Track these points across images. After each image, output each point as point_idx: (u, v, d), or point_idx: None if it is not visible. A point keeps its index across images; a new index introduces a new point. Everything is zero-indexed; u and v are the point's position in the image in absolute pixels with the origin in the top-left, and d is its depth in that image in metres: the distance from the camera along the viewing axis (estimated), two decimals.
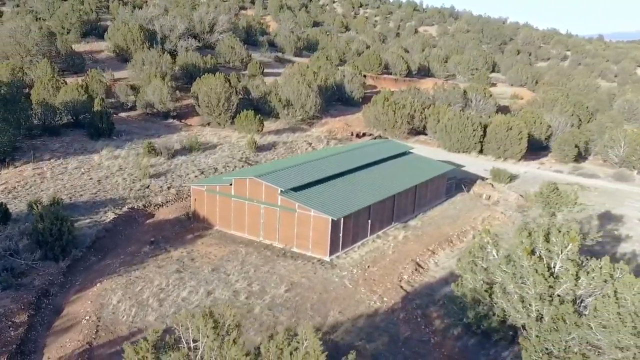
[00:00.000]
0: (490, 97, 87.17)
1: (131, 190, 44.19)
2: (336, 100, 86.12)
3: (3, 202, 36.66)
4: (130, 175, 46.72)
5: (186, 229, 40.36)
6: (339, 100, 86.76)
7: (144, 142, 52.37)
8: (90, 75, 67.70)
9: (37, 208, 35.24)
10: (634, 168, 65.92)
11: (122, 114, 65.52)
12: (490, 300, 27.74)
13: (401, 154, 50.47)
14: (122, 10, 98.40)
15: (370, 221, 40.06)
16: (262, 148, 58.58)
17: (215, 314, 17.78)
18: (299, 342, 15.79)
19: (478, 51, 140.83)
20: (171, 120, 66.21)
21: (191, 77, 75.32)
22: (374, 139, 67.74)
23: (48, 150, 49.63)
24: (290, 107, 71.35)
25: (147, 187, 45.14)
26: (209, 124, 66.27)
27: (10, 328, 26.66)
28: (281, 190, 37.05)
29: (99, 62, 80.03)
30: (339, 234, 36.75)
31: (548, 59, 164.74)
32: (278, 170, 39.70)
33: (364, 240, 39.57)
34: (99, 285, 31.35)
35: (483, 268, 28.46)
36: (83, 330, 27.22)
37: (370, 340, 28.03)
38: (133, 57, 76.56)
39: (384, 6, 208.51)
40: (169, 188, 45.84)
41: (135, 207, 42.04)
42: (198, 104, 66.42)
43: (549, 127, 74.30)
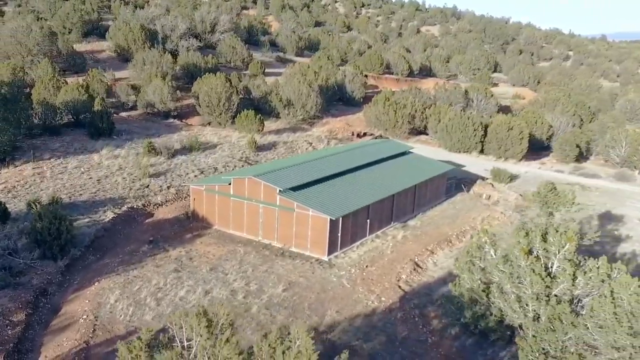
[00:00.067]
0: (492, 97, 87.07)
1: (131, 189, 44.25)
2: (337, 100, 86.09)
3: (2, 202, 36.72)
4: (130, 174, 46.77)
5: (185, 229, 40.40)
6: (340, 100, 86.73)
7: (144, 142, 52.41)
8: (91, 75, 67.77)
9: (36, 207, 35.27)
10: (635, 168, 65.79)
11: (123, 114, 65.60)
12: (488, 300, 27.70)
13: (401, 153, 50.44)
14: (123, 10, 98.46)
15: (369, 221, 40.04)
16: (263, 148, 58.59)
17: (209, 313, 17.77)
18: (291, 341, 15.78)
19: (480, 51, 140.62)
20: (172, 120, 66.27)
21: (192, 77, 75.35)
22: (374, 138, 67.67)
23: (48, 150, 49.71)
24: (291, 107, 71.35)
25: (146, 187, 45.18)
26: (209, 123, 66.31)
27: (8, 327, 26.70)
28: (280, 190, 37.06)
29: (100, 62, 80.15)
30: (337, 233, 36.74)
31: (550, 59, 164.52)
32: (277, 170, 39.71)
33: (362, 240, 39.56)
34: (97, 284, 31.39)
35: (480, 268, 28.43)
36: (80, 329, 27.25)
37: (367, 340, 28.01)
38: (134, 56, 76.62)
39: (386, 6, 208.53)
40: (168, 187, 45.89)
41: (135, 207, 42.08)
42: (199, 103, 66.47)
43: (550, 127, 74.18)
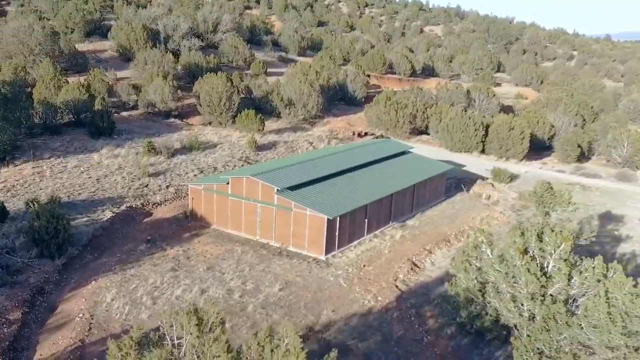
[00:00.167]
0: (494, 97, 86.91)
1: (130, 189, 44.32)
2: (339, 100, 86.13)
3: (1, 200, 36.86)
4: (130, 174, 46.86)
5: (183, 228, 40.44)
6: (342, 100, 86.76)
7: (144, 141, 52.49)
8: (92, 74, 67.96)
9: (34, 206, 35.38)
10: (637, 168, 65.56)
11: (124, 113, 65.74)
12: (483, 300, 27.66)
13: (400, 153, 50.38)
14: (125, 10, 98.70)
15: (367, 220, 40.00)
16: (263, 147, 58.62)
17: (200, 312, 17.79)
18: (280, 339, 15.79)
19: (483, 51, 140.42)
20: (172, 120, 66.37)
21: (194, 76, 75.43)
22: (375, 138, 67.61)
23: (48, 149, 49.85)
24: (292, 107, 71.37)
25: (145, 186, 45.26)
26: (210, 123, 66.39)
27: (4, 325, 26.76)
28: (277, 189, 37.06)
29: (102, 62, 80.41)
30: (335, 233, 36.72)
31: (554, 59, 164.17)
32: (275, 170, 39.72)
33: (360, 239, 39.52)
34: (93, 283, 31.45)
35: (477, 268, 28.38)
36: (76, 327, 27.31)
37: (362, 339, 27.97)
38: (136, 56, 76.76)
39: (389, 6, 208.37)
40: (167, 187, 45.96)
41: (134, 206, 42.15)
42: (199, 103, 66.55)
43: (552, 127, 74.00)
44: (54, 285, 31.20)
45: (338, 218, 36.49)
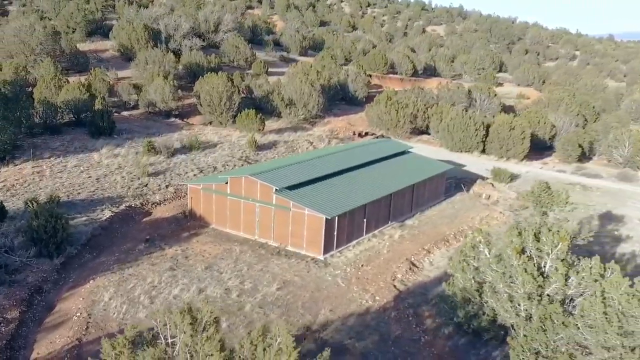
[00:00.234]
0: (495, 96, 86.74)
1: (129, 188, 44.36)
2: (340, 100, 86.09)
3: (0, 200, 36.97)
4: (129, 173, 46.91)
5: (182, 227, 40.47)
6: (343, 100, 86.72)
7: (144, 141, 52.53)
8: (93, 74, 68.06)
9: (33, 206, 35.44)
10: (638, 168, 65.39)
11: (125, 113, 65.80)
12: (480, 300, 27.62)
13: (400, 153, 50.33)
14: (127, 10, 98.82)
15: (366, 220, 39.98)
16: (263, 147, 58.62)
17: (194, 311, 17.80)
18: (272, 338, 15.79)
19: (485, 51, 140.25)
20: (173, 119, 66.43)
21: (195, 76, 75.39)
22: (376, 138, 67.56)
23: (48, 149, 49.92)
24: (292, 107, 71.37)
25: (145, 186, 45.30)
26: (210, 123, 66.43)
27: (2, 324, 26.85)
28: (276, 189, 37.07)
29: (104, 61, 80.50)
30: (333, 232, 36.71)
31: (556, 59, 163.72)
32: (274, 169, 39.73)
33: (359, 239, 39.49)
34: (91, 282, 31.50)
35: (474, 267, 28.34)
36: (73, 326, 27.37)
37: (360, 339, 27.96)
38: (137, 56, 76.82)
39: (391, 5, 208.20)
40: (167, 186, 46.00)
41: (133, 205, 42.19)
42: (200, 103, 66.59)
43: (553, 127, 73.84)
44: (52, 284, 31.27)
45: (336, 218, 36.48)
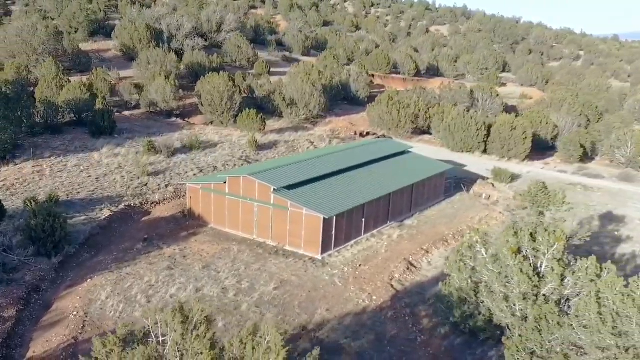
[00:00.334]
0: (497, 96, 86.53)
1: (129, 188, 44.44)
2: (342, 100, 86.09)
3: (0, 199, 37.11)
4: (129, 173, 46.98)
5: (181, 227, 40.53)
6: (345, 100, 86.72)
7: (145, 141, 52.61)
8: (95, 74, 68.24)
9: (31, 205, 35.54)
10: None
11: (126, 113, 65.92)
12: (476, 300, 27.58)
13: (399, 153, 50.27)
14: (129, 10, 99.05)
15: (365, 220, 39.95)
16: (263, 147, 58.64)
17: (186, 309, 17.83)
18: (262, 337, 15.80)
19: (489, 51, 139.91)
20: (174, 119, 66.54)
21: (197, 76, 75.36)
22: (377, 138, 67.50)
23: (49, 148, 50.06)
24: (294, 106, 71.38)
25: (145, 185, 45.37)
26: (211, 122, 66.51)
27: None
28: (274, 189, 37.08)
29: (106, 61, 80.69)
30: (331, 232, 36.70)
31: (560, 59, 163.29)
32: (272, 169, 39.74)
33: (357, 238, 39.47)
34: (89, 281, 31.57)
35: (471, 267, 28.30)
36: (70, 325, 27.44)
37: (355, 339, 27.94)
38: (139, 56, 76.97)
39: (395, 5, 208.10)
40: (166, 186, 46.05)
41: (132, 205, 42.24)
42: (201, 102, 66.67)
43: (555, 127, 73.58)
44: (49, 283, 31.34)
45: (335, 217, 36.47)
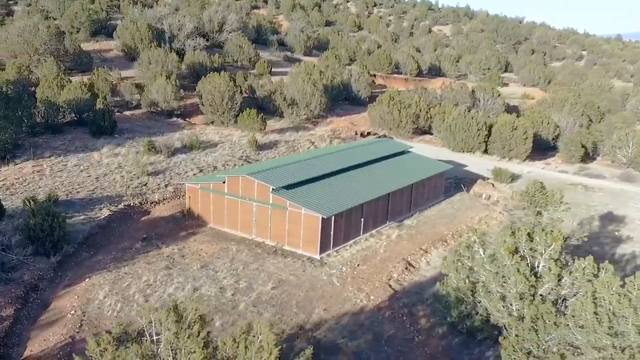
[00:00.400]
0: (499, 96, 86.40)
1: (128, 187, 44.48)
2: (343, 100, 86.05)
3: None
4: (129, 172, 47.03)
5: (180, 226, 40.56)
6: (346, 100, 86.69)
7: (145, 140, 52.67)
8: (96, 73, 68.36)
9: (30, 204, 35.62)
10: None
11: (127, 113, 66.01)
12: (474, 300, 27.54)
13: (399, 153, 50.21)
14: (131, 10, 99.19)
15: (364, 220, 39.93)
16: (264, 147, 58.66)
17: (180, 308, 17.85)
18: (254, 336, 15.81)
19: (491, 51, 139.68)
20: (175, 119, 66.61)
21: (198, 76, 75.47)
22: (378, 138, 67.45)
23: (49, 148, 50.16)
24: (294, 106, 71.38)
25: (144, 185, 45.41)
26: (212, 122, 66.56)
27: None
28: (273, 188, 37.08)
29: (108, 61, 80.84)
30: (329, 232, 36.68)
31: (563, 59, 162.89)
32: (271, 169, 39.74)
33: (356, 238, 39.45)
34: (87, 280, 31.62)
35: (468, 267, 28.25)
36: (67, 324, 27.50)
37: (353, 338, 27.93)
38: (140, 56, 77.07)
39: (398, 5, 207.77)
40: (166, 186, 46.10)
41: (131, 205, 42.28)
42: (202, 102, 66.73)
43: (556, 127, 73.42)
44: (48, 282, 31.41)
45: (333, 217, 36.46)
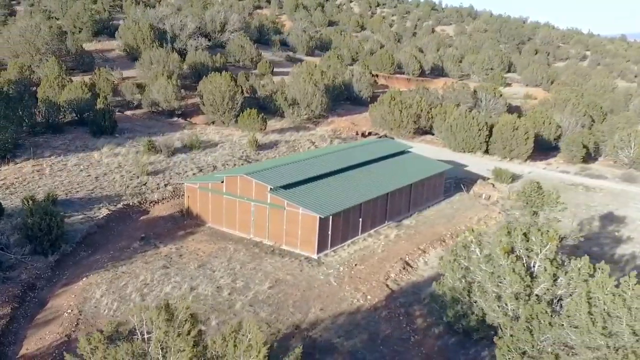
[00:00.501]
0: (501, 96, 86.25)
1: (128, 187, 44.57)
2: (344, 100, 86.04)
3: None
4: (129, 172, 47.13)
5: (178, 226, 40.62)
6: (348, 100, 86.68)
7: (145, 140, 52.77)
8: (97, 73, 68.54)
9: (29, 204, 35.72)
10: None
11: (128, 112, 66.18)
12: (469, 299, 27.50)
13: (399, 152, 50.18)
14: (133, 10, 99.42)
15: (362, 219, 39.91)
16: (264, 147, 58.70)
17: (171, 307, 17.87)
18: (244, 335, 15.83)
19: (494, 51, 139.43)
20: (176, 119, 66.71)
21: (200, 76, 75.61)
22: (379, 138, 67.41)
23: (49, 148, 50.31)
24: (296, 106, 71.42)
25: (144, 184, 45.50)
26: (213, 122, 66.66)
27: None
28: (271, 188, 37.11)
29: (110, 61, 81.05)
30: (327, 231, 36.69)
31: (567, 59, 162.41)
32: (269, 168, 39.78)
33: (354, 238, 39.44)
34: (84, 279, 31.69)
35: (464, 267, 28.21)
36: (64, 323, 27.56)
37: (348, 338, 27.92)
38: (141, 55, 77.23)
39: (401, 5, 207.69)
40: (165, 185, 46.18)
41: (131, 204, 42.36)
42: (203, 102, 66.82)
43: (558, 127, 73.25)
44: (45, 281, 31.48)
45: (331, 217, 36.44)
